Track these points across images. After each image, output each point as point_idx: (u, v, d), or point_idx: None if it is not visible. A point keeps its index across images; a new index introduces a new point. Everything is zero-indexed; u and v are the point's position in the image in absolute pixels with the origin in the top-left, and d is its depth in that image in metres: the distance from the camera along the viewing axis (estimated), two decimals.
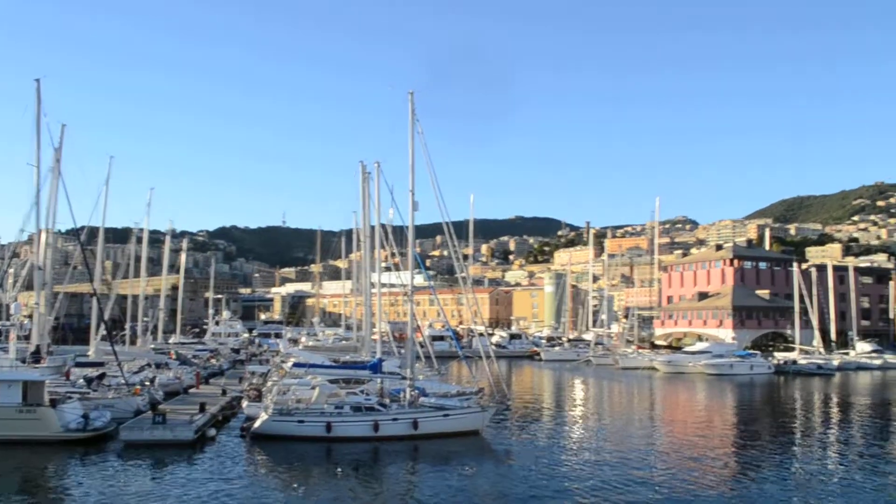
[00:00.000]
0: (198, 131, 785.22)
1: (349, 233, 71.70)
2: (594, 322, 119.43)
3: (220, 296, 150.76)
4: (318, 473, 25.16)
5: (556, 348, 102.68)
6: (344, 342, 72.57)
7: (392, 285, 56.56)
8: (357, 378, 36.84)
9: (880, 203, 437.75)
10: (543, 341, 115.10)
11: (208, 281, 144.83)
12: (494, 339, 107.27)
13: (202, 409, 33.75)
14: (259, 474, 25.34)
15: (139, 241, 71.77)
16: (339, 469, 25.63)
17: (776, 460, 28.08)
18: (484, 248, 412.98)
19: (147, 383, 40.60)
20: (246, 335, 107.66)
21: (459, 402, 35.53)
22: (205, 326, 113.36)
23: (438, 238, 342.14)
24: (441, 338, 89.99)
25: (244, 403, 36.93)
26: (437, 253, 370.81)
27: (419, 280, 68.32)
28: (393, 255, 50.67)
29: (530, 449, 30.26)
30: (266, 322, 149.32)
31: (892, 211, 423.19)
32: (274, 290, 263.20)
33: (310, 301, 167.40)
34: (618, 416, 42.95)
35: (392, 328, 67.66)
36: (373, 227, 48.15)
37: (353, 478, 24.51)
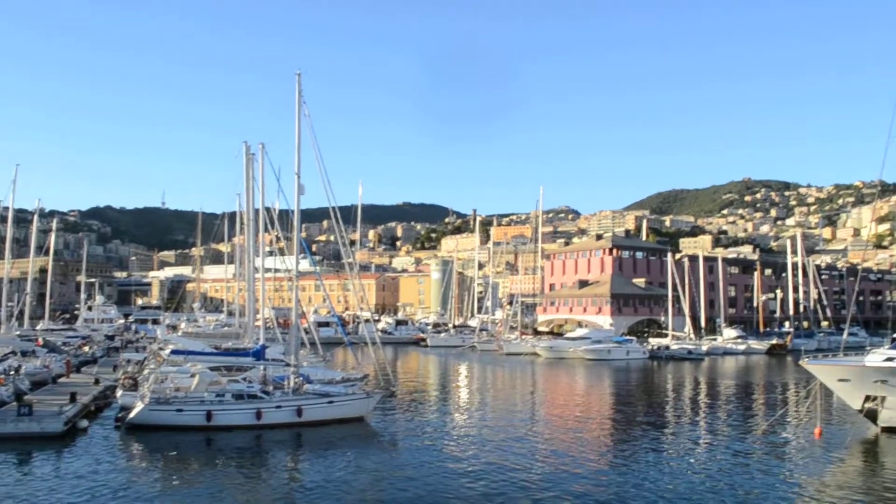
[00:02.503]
0: (65, 94, 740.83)
1: (232, 215, 69.97)
2: (479, 308, 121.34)
3: (93, 279, 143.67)
4: (198, 463, 24.39)
5: (442, 334, 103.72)
6: (226, 328, 70.85)
7: (277, 270, 55.61)
8: (239, 365, 35.90)
9: (747, 198, 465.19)
10: (429, 327, 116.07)
11: (80, 264, 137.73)
12: (380, 325, 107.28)
13: (73, 399, 32.01)
14: (135, 466, 24.30)
15: (3, 220, 67.40)
16: (220, 459, 24.96)
17: (650, 440, 29.35)
18: (371, 233, 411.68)
19: (12, 373, 38.21)
20: (121, 321, 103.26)
21: (344, 388, 35.33)
22: (76, 312, 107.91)
23: (325, 223, 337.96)
24: (326, 324, 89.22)
25: (119, 393, 35.31)
26: (323, 238, 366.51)
27: (304, 265, 67.47)
28: (278, 239, 49.58)
29: (415, 434, 30.42)
30: (143, 307, 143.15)
31: (758, 206, 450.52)
32: (152, 274, 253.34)
33: (190, 286, 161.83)
34: (501, 401, 43.79)
35: (276, 314, 66.42)
36: (257, 210, 47.06)
37: (234, 467, 23.91)
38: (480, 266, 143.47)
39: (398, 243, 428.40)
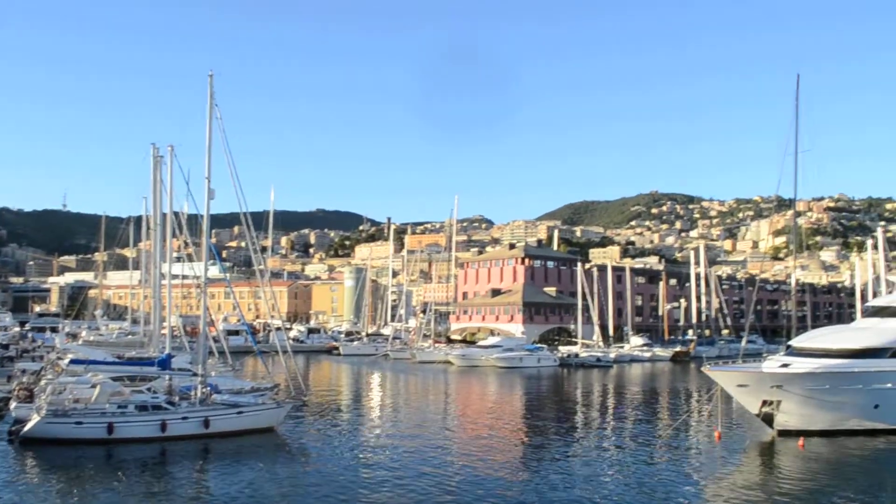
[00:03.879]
0: None
1: (139, 219, 67.93)
2: (393, 317, 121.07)
3: None
4: (99, 478, 23.38)
5: (355, 343, 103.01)
6: (130, 337, 68.50)
7: (185, 277, 54.03)
8: (143, 375, 34.68)
9: (654, 210, 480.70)
10: (342, 336, 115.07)
11: None
12: (292, 333, 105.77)
13: None
14: (29, 482, 23.09)
15: None
16: (122, 473, 24.01)
17: (560, 445, 29.86)
18: (284, 240, 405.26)
19: None
20: (17, 329, 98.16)
21: (254, 398, 34.59)
22: None
23: (236, 228, 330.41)
24: (236, 332, 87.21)
25: (12, 405, 33.49)
26: (234, 244, 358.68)
27: (214, 271, 65.76)
28: (186, 244, 48.25)
29: (327, 444, 30.03)
30: (41, 315, 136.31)
31: (664, 218, 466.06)
32: (51, 279, 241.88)
33: (92, 292, 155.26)
34: (414, 409, 43.74)
35: (184, 322, 64.66)
36: (165, 215, 45.63)
37: (137, 481, 23.04)
38: (394, 274, 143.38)
39: (311, 250, 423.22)
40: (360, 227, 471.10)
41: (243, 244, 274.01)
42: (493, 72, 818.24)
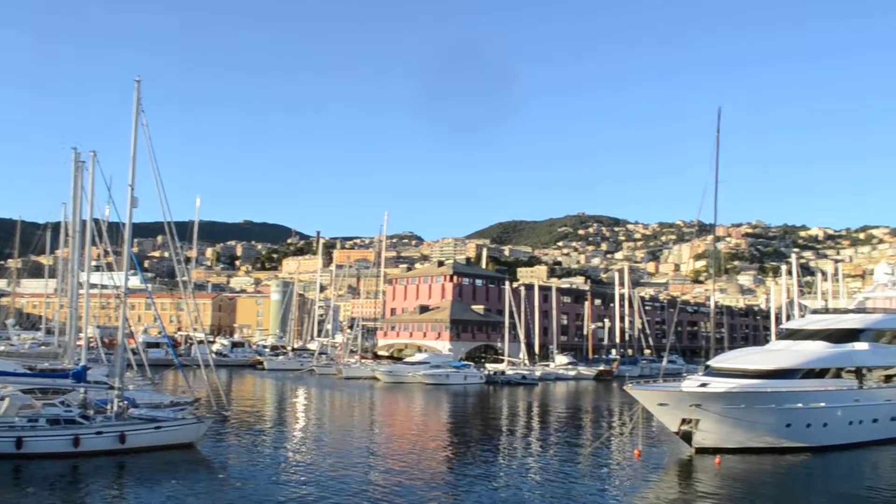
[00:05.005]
0: None
1: (57, 226, 65.76)
2: (319, 332, 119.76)
3: None
4: (5, 496, 22.31)
5: (280, 357, 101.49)
6: (43, 347, 66.01)
7: (104, 286, 52.39)
8: (56, 388, 33.33)
9: (581, 232, 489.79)
10: (267, 350, 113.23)
11: None
12: (215, 346, 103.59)
13: None
14: None
15: None
16: (31, 490, 23.00)
17: (485, 463, 29.97)
18: (209, 251, 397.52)
19: None
20: None
21: (173, 413, 33.64)
22: None
23: (159, 238, 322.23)
24: (157, 345, 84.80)
25: None
26: (157, 254, 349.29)
27: (135, 282, 63.92)
28: (106, 253, 46.70)
29: (248, 461, 29.41)
30: None
31: (590, 239, 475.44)
32: None
33: (4, 300, 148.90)
34: (338, 426, 43.31)
35: (101, 333, 62.46)
36: (84, 222, 44.15)
37: (46, 499, 22.10)
38: (322, 288, 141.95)
39: (237, 262, 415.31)
40: (289, 240, 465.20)
41: (167, 254, 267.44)
42: (424, 86, 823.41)
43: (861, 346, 37.56)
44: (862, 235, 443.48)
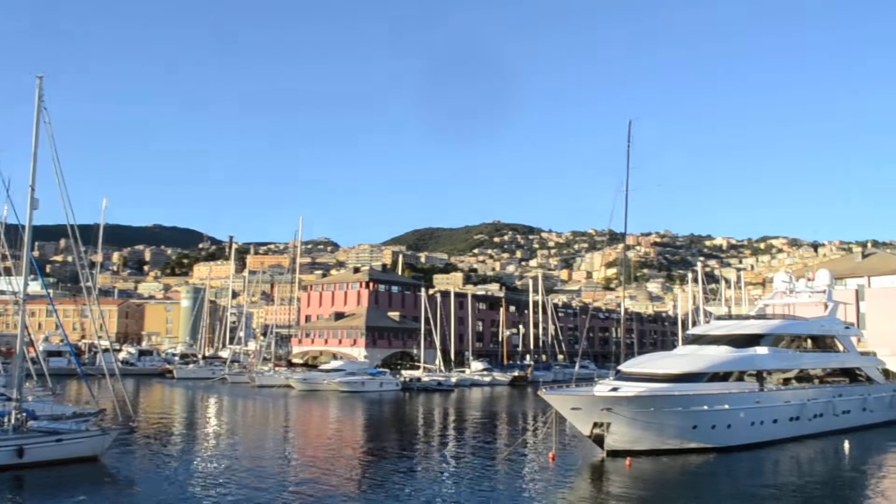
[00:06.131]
0: None
1: None
2: (231, 339, 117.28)
3: None
4: None
5: (191, 366, 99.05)
6: None
7: (1, 292, 49.97)
8: None
9: (496, 239, 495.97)
10: (177, 358, 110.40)
11: None
12: (122, 355, 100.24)
13: None
14: None
15: None
16: None
17: (400, 469, 29.84)
18: (116, 256, 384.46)
19: None
20: None
21: (76, 425, 32.22)
22: None
23: (62, 241, 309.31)
24: (59, 353, 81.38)
25: None
26: (59, 258, 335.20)
27: (35, 287, 61.28)
28: (4, 257, 44.54)
29: (156, 474, 28.43)
30: None
31: (506, 247, 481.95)
32: None
33: None
34: (251, 435, 42.40)
35: None
36: None
37: None
38: (235, 295, 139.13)
39: (146, 268, 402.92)
40: (200, 245, 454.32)
41: (70, 259, 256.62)
42: (350, 92, 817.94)
43: (762, 350, 39.29)
44: (762, 245, 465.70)
